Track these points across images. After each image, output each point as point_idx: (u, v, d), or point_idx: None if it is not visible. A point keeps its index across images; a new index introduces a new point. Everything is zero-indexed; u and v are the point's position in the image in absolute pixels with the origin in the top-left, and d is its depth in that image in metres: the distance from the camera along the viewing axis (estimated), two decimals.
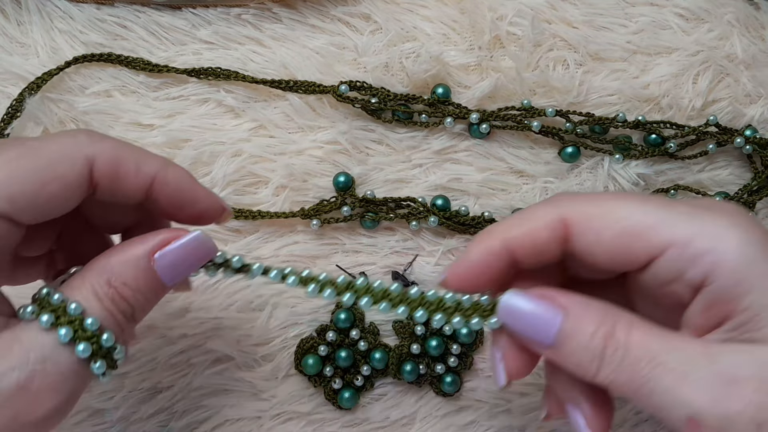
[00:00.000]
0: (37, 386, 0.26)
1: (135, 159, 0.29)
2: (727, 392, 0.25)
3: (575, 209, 0.29)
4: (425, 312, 0.31)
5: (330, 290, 0.32)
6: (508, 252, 0.30)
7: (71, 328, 0.27)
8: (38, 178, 0.27)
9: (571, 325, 0.28)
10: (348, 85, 0.42)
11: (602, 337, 0.27)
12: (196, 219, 0.31)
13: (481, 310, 0.31)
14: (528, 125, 0.42)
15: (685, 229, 0.27)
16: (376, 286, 0.32)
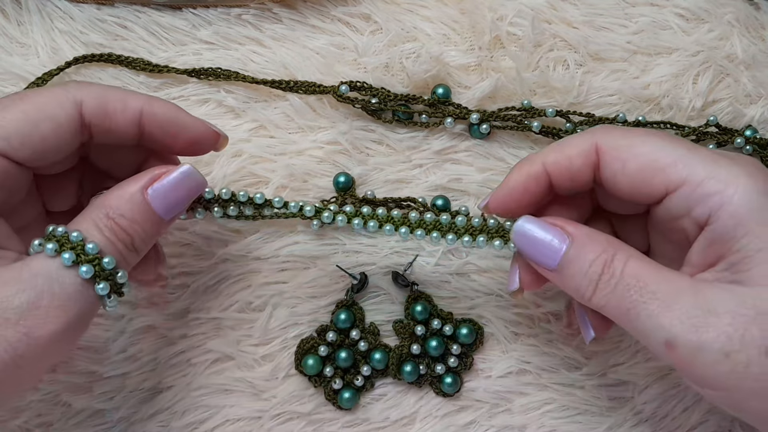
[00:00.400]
0: (46, 305, 0.29)
1: (121, 97, 0.32)
2: (704, 323, 0.28)
3: (607, 139, 0.32)
4: (454, 237, 0.35)
5: (342, 217, 0.36)
6: (545, 176, 0.33)
7: (74, 253, 0.30)
8: (30, 118, 0.30)
9: (574, 252, 0.31)
10: (348, 86, 0.42)
11: (600, 264, 0.30)
12: (191, 147, 0.34)
13: (503, 233, 0.35)
14: (528, 125, 0.42)
15: (700, 170, 0.30)
16: (396, 213, 0.36)
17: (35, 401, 0.41)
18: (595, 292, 0.31)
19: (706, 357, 0.28)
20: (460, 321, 0.42)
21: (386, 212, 0.37)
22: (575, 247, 0.31)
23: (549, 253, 0.32)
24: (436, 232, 0.36)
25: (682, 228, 0.32)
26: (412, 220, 0.36)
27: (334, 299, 0.42)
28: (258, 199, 0.36)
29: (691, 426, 0.43)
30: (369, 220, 0.37)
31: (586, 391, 0.42)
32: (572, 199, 0.36)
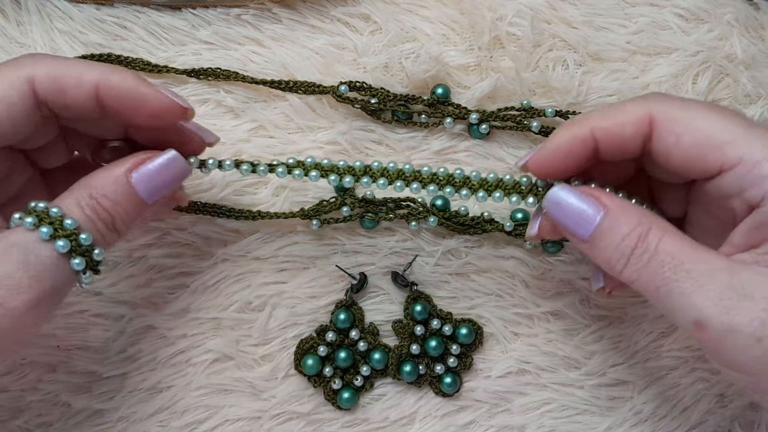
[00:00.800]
0: (20, 275, 0.29)
1: (76, 72, 0.31)
2: (737, 305, 0.27)
3: (663, 109, 0.31)
4: (485, 194, 0.35)
5: (349, 179, 0.36)
6: (593, 141, 0.32)
7: (52, 227, 0.30)
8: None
9: (607, 224, 0.31)
10: (348, 86, 0.42)
11: (634, 238, 0.30)
12: (155, 120, 0.33)
13: (535, 191, 0.35)
14: (527, 126, 0.42)
15: (758, 150, 0.29)
16: (407, 168, 0.36)
17: (35, 401, 0.41)
18: (626, 266, 0.30)
19: (737, 340, 0.27)
20: (459, 321, 0.42)
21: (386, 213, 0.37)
22: (609, 219, 0.31)
23: (582, 224, 0.31)
24: (466, 189, 0.35)
25: (730, 206, 0.31)
26: (440, 175, 0.36)
27: (334, 299, 0.42)
28: (228, 166, 0.36)
29: (691, 426, 0.43)
30: (384, 178, 0.36)
31: (586, 391, 0.42)
32: (616, 164, 0.35)
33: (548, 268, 0.43)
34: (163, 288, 0.42)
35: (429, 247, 0.42)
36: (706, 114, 0.30)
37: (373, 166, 0.36)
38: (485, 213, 0.42)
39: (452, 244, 0.42)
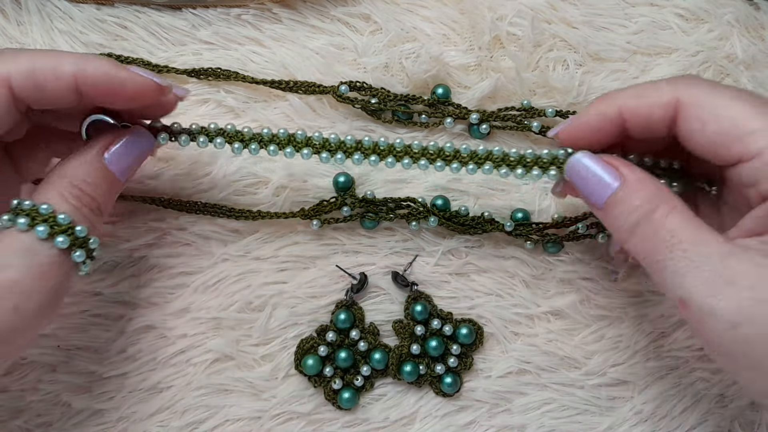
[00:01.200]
0: (28, 279, 0.30)
1: (51, 64, 0.30)
2: (721, 290, 0.29)
3: (691, 94, 0.32)
4: (508, 169, 0.36)
5: (356, 156, 0.37)
6: (621, 120, 0.33)
7: (47, 225, 0.30)
8: None
9: (621, 195, 0.32)
10: (348, 86, 0.42)
11: (643, 212, 0.31)
12: (134, 102, 0.33)
13: (558, 163, 0.35)
14: (528, 126, 0.42)
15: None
16: (415, 144, 0.37)
17: (35, 401, 0.41)
18: (630, 237, 0.32)
19: (716, 323, 0.29)
20: (459, 321, 0.42)
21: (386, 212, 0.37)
22: (623, 190, 0.32)
23: (599, 190, 0.33)
24: (489, 163, 0.36)
25: (746, 194, 0.32)
26: (447, 151, 0.37)
27: (334, 299, 0.42)
28: (230, 129, 0.37)
29: (691, 426, 0.43)
30: (399, 157, 0.37)
31: (586, 391, 0.42)
32: (644, 141, 0.35)
33: (548, 268, 0.43)
34: (163, 288, 0.42)
35: (429, 247, 0.42)
36: (733, 102, 0.31)
37: (364, 141, 0.37)
38: (485, 213, 0.42)
39: (452, 244, 0.42)
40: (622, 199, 0.32)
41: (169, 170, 0.42)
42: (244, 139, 0.37)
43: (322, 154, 0.37)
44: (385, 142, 0.37)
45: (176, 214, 0.42)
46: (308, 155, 0.36)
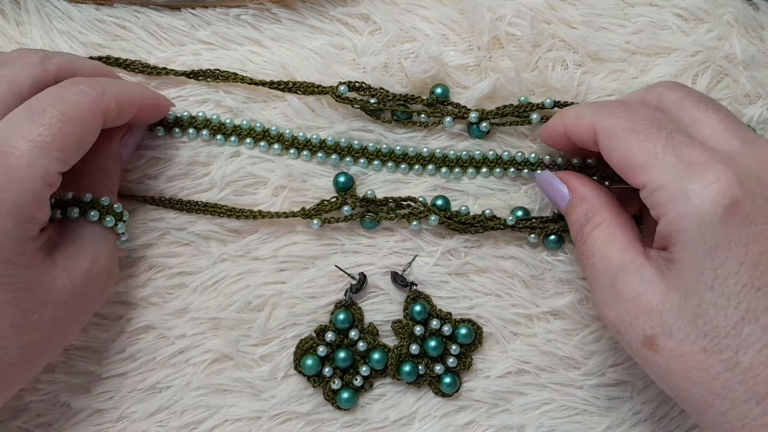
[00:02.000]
0: (111, 263, 0.38)
1: (129, 98, 0.37)
2: (609, 301, 0.34)
3: (602, 124, 0.36)
4: (501, 169, 0.43)
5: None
6: (566, 135, 0.38)
7: (104, 212, 0.37)
8: (78, 137, 0.34)
9: (567, 209, 0.38)
10: (347, 86, 0.42)
11: (578, 227, 0.37)
12: (154, 117, 0.41)
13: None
14: (528, 118, 0.42)
15: (660, 178, 0.32)
16: (411, 151, 0.43)
17: (34, 401, 0.41)
18: (576, 245, 0.37)
19: (609, 328, 0.36)
20: (459, 321, 0.42)
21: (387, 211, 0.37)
22: (569, 205, 0.38)
23: (559, 200, 0.39)
24: (486, 167, 0.42)
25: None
26: (450, 157, 0.43)
27: (333, 299, 0.42)
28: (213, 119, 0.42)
29: (690, 426, 0.43)
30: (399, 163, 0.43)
31: (585, 391, 0.42)
32: None
33: (548, 268, 0.43)
34: (163, 288, 0.42)
35: (428, 247, 0.42)
36: (629, 136, 0.34)
37: (369, 146, 0.42)
38: (486, 211, 0.42)
39: (452, 244, 0.42)
40: (568, 211, 0.38)
41: (168, 170, 0.42)
42: (241, 133, 0.42)
43: (318, 154, 0.41)
44: (388, 147, 0.40)
45: (175, 213, 0.42)
46: (307, 156, 0.39)
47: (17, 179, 0.31)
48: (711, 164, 0.32)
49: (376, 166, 0.43)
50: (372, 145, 0.42)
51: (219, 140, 0.42)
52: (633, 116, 0.35)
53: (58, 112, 0.33)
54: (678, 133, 0.34)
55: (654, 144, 0.33)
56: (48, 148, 0.32)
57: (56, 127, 0.33)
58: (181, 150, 0.42)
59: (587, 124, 0.36)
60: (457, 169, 0.43)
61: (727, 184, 0.31)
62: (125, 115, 0.37)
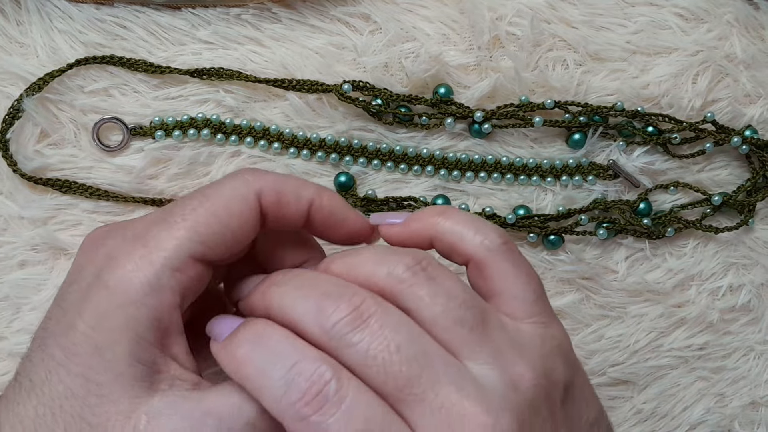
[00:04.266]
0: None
1: (295, 188, 0.31)
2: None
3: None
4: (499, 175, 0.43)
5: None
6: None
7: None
8: (221, 218, 0.29)
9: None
10: (351, 85, 0.42)
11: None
12: (348, 240, 0.33)
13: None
14: (530, 120, 0.42)
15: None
16: (411, 151, 0.44)
17: None
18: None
19: None
20: None
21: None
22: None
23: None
24: (484, 171, 0.43)
25: None
26: (450, 159, 0.42)
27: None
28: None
29: (691, 425, 0.43)
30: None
31: None
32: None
33: (548, 268, 0.43)
34: None
35: None
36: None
37: (368, 146, 0.41)
38: (486, 209, 0.42)
39: None
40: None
41: (168, 170, 0.42)
42: (241, 132, 0.42)
43: (318, 154, 0.41)
44: (387, 147, 0.40)
45: None
46: (307, 156, 0.39)
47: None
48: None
49: (376, 165, 0.43)
50: (371, 145, 0.42)
51: (219, 140, 0.42)
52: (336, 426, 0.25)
53: (197, 193, 0.30)
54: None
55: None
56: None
57: (191, 205, 0.29)
58: (182, 150, 0.42)
59: (270, 409, 0.26)
60: (455, 171, 0.43)
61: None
62: (287, 209, 0.31)
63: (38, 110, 0.41)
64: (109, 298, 0.27)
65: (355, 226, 0.32)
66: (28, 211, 0.41)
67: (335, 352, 0.25)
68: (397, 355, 0.25)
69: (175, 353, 0.28)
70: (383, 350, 0.25)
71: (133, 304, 0.27)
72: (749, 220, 0.44)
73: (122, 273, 0.27)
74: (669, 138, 0.43)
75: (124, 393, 0.26)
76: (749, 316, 0.45)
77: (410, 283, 0.27)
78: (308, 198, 0.31)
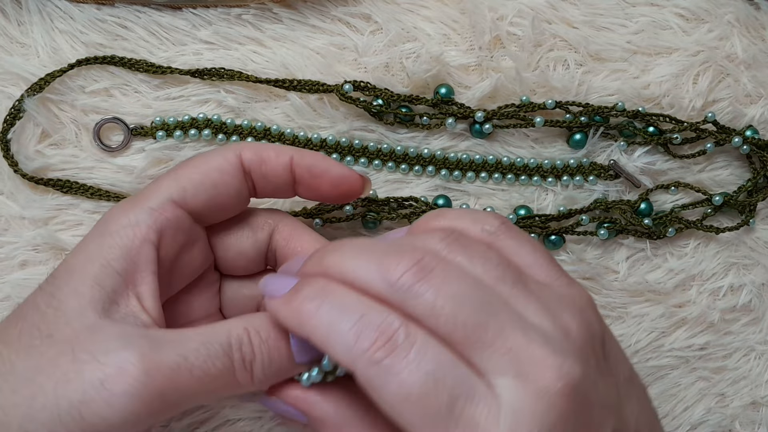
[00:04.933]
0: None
1: (275, 147, 0.35)
2: None
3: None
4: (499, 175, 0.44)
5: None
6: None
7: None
8: (201, 170, 0.33)
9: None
10: (352, 85, 0.42)
11: None
12: (337, 189, 0.35)
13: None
14: (531, 120, 0.42)
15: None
16: (411, 152, 0.43)
17: None
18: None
19: None
20: None
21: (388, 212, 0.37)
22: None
23: (299, 418, 0.31)
24: (485, 171, 0.43)
25: None
26: (451, 159, 0.42)
27: None
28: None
29: (691, 426, 0.43)
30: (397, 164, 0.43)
31: None
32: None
33: None
34: None
35: None
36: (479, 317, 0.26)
37: (369, 146, 0.41)
38: (488, 209, 0.42)
39: None
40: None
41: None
42: (242, 132, 0.42)
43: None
44: (388, 147, 0.40)
45: None
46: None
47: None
48: (548, 359, 0.25)
49: (377, 165, 0.43)
50: (372, 145, 0.42)
51: (220, 140, 0.42)
52: (407, 370, 0.25)
53: (183, 162, 0.34)
54: (460, 389, 0.25)
55: (434, 422, 0.25)
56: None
57: (174, 168, 0.33)
58: (183, 150, 0.42)
59: (341, 361, 0.26)
60: (456, 171, 0.42)
61: (567, 379, 0.25)
62: (269, 165, 0.34)
63: (39, 110, 0.41)
64: (92, 232, 0.31)
65: (341, 176, 0.35)
66: (29, 211, 0.41)
67: (401, 304, 0.26)
68: (463, 304, 0.26)
69: (141, 292, 0.30)
70: (450, 300, 0.26)
71: (109, 234, 0.31)
72: (750, 220, 0.44)
73: (109, 214, 0.32)
74: (670, 138, 0.43)
75: (76, 308, 0.29)
76: (750, 316, 0.45)
77: (447, 251, 0.27)
78: (288, 154, 0.34)
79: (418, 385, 0.25)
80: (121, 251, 0.30)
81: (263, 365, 0.30)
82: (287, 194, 0.36)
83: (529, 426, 0.24)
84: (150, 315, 0.30)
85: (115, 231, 0.31)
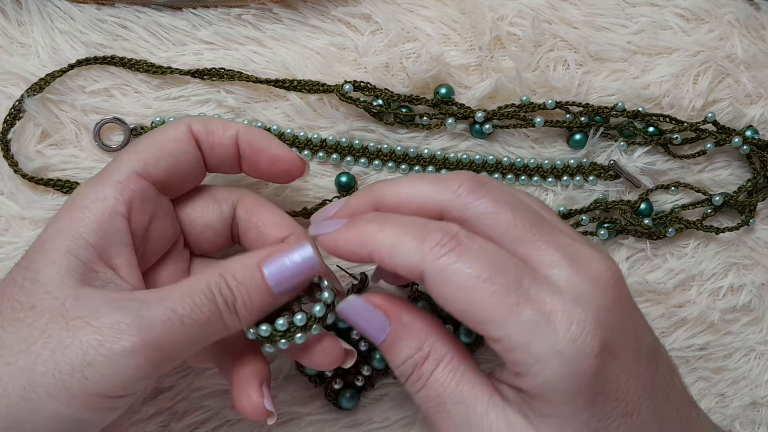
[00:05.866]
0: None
1: (222, 121, 0.36)
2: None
3: (431, 264, 0.31)
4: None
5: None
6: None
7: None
8: (155, 141, 0.34)
9: (389, 343, 0.32)
10: (352, 85, 0.42)
11: (411, 365, 0.31)
12: (274, 166, 0.36)
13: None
14: (531, 120, 0.42)
15: (520, 336, 0.28)
16: (411, 152, 0.43)
17: None
18: (406, 384, 0.32)
19: None
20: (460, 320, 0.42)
21: None
22: (391, 337, 0.31)
23: (374, 333, 0.32)
24: (485, 171, 0.43)
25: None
26: (451, 159, 0.43)
27: None
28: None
29: None
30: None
31: None
32: None
33: None
34: None
35: None
36: (476, 285, 0.28)
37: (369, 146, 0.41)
38: None
39: None
40: (390, 347, 0.32)
41: None
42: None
43: (319, 154, 0.41)
44: (388, 147, 0.40)
45: None
46: (308, 156, 0.39)
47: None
48: (569, 312, 0.28)
49: (377, 165, 0.43)
50: (373, 145, 0.42)
51: None
52: (474, 258, 0.29)
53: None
54: (523, 272, 0.28)
55: (506, 297, 0.28)
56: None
57: (133, 143, 0.35)
58: None
59: (409, 263, 0.29)
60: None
61: (592, 330, 0.28)
62: (216, 136, 0.35)
63: (39, 111, 0.41)
64: (62, 209, 0.32)
65: (278, 155, 0.36)
66: (30, 211, 0.41)
67: (462, 209, 0.30)
68: (517, 208, 0.30)
69: (117, 264, 0.32)
70: (506, 204, 0.30)
71: (78, 209, 0.32)
72: (750, 220, 0.44)
73: (76, 192, 0.33)
74: (670, 138, 0.43)
75: (55, 277, 0.30)
76: (750, 316, 0.45)
77: (464, 200, 0.31)
78: (235, 128, 0.35)
79: (488, 267, 0.28)
80: (92, 224, 0.31)
81: (245, 303, 0.31)
82: (234, 169, 0.37)
83: (590, 303, 0.28)
84: (129, 283, 0.32)
85: (85, 206, 0.32)
